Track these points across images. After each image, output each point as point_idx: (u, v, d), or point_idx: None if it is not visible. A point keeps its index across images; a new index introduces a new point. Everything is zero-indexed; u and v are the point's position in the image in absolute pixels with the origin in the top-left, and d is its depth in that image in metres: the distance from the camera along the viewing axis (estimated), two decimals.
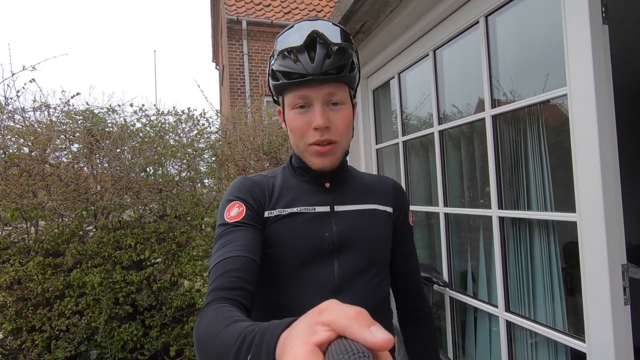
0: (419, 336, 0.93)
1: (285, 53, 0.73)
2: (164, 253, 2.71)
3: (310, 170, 0.81)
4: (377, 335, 0.28)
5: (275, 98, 0.84)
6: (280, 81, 0.74)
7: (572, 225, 1.14)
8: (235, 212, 0.75)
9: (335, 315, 0.30)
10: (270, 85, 0.79)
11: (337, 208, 0.81)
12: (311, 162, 0.78)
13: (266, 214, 0.78)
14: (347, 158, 0.87)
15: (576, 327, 1.24)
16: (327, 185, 0.83)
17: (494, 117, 1.48)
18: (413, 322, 0.94)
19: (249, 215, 0.75)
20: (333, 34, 0.73)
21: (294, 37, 0.73)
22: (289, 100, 0.76)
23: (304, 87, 0.73)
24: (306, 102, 0.74)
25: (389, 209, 0.88)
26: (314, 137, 0.74)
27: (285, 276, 0.77)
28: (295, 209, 0.79)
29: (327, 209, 0.81)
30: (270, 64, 0.78)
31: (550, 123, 1.36)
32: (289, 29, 0.76)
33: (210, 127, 3.49)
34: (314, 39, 0.71)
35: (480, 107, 1.55)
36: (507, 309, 1.45)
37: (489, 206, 1.51)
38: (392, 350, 0.92)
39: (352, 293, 0.77)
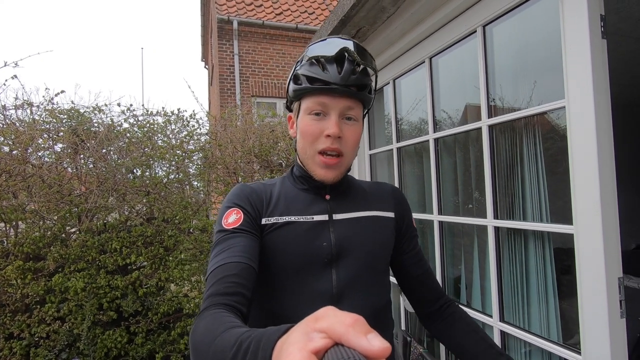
0: (460, 319, 0.86)
1: (314, 60, 0.76)
2: (150, 257, 2.64)
3: (311, 180, 0.81)
4: (373, 342, 0.28)
5: (288, 104, 0.85)
6: (303, 85, 0.76)
7: (568, 237, 1.14)
8: (233, 218, 0.75)
9: (331, 323, 0.30)
10: (290, 89, 0.80)
11: (336, 216, 0.81)
12: (315, 172, 0.78)
13: (263, 221, 0.78)
14: None
15: (572, 339, 1.25)
16: (327, 197, 0.83)
17: (491, 127, 1.48)
18: (450, 315, 0.87)
19: (247, 222, 0.75)
20: (360, 56, 0.77)
21: (326, 49, 0.76)
22: (306, 105, 0.77)
23: (325, 94, 0.75)
24: (323, 110, 0.76)
25: (391, 214, 0.88)
26: (325, 144, 0.75)
27: (282, 285, 0.77)
28: (292, 218, 0.79)
29: (325, 217, 0.80)
30: (294, 69, 0.80)
31: (547, 135, 1.37)
32: (321, 40, 0.79)
33: (200, 129, 3.43)
34: (344, 55, 0.75)
35: (477, 116, 1.55)
36: (502, 319, 1.45)
37: (484, 215, 1.51)
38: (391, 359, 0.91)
39: (351, 303, 0.76)
